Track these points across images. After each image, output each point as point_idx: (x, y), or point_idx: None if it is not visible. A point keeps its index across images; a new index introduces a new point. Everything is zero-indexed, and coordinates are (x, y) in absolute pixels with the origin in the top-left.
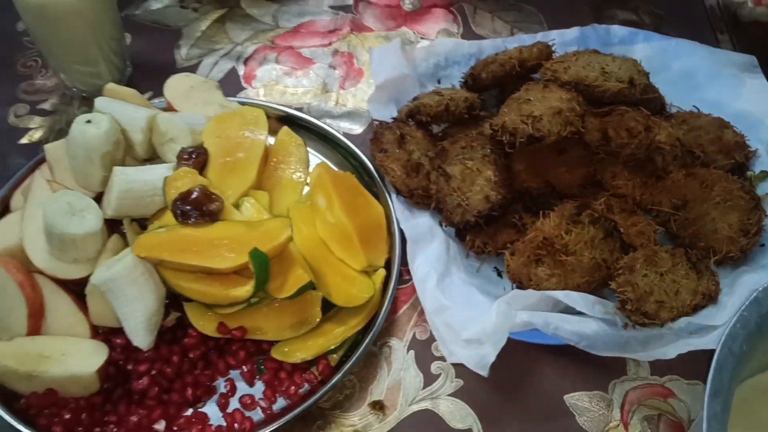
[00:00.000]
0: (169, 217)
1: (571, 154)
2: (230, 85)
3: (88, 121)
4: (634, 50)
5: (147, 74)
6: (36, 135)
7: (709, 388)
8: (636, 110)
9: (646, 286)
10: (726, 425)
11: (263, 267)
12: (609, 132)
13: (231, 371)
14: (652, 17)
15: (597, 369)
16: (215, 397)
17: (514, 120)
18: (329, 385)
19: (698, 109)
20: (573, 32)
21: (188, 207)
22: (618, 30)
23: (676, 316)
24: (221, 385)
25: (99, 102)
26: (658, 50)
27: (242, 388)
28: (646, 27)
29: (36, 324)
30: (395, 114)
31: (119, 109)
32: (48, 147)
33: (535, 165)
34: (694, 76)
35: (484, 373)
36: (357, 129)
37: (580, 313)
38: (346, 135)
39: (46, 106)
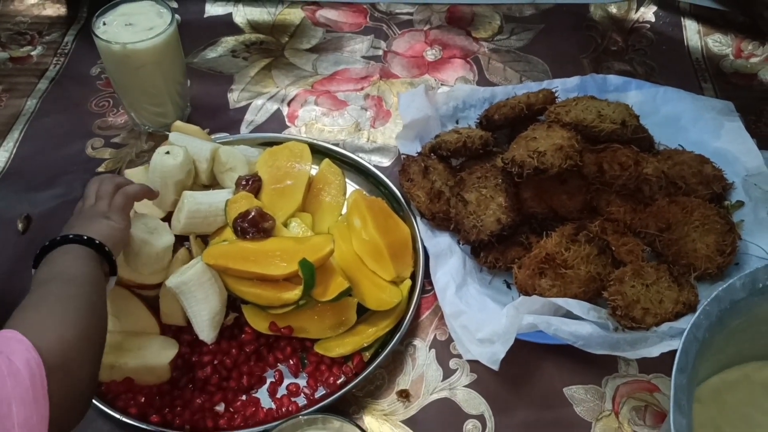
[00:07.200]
0: (227, 234)
1: (571, 184)
2: (276, 123)
3: (167, 153)
4: (627, 96)
5: (204, 114)
6: (110, 164)
7: (676, 365)
8: (627, 147)
9: (633, 295)
10: (692, 396)
11: (310, 274)
12: (604, 166)
13: (279, 364)
14: (645, 68)
15: (592, 366)
16: (266, 385)
17: (522, 155)
18: (362, 376)
19: (683, 148)
20: (574, 80)
21: (246, 224)
22: (613, 79)
23: (660, 322)
24: (271, 375)
25: (173, 136)
26: (649, 97)
27: (288, 378)
28: (638, 77)
29: None
30: (420, 149)
31: (188, 142)
32: (127, 171)
33: (540, 193)
34: (679, 120)
35: (495, 367)
36: (385, 162)
37: (577, 318)
38: (376, 167)
39: (117, 140)
